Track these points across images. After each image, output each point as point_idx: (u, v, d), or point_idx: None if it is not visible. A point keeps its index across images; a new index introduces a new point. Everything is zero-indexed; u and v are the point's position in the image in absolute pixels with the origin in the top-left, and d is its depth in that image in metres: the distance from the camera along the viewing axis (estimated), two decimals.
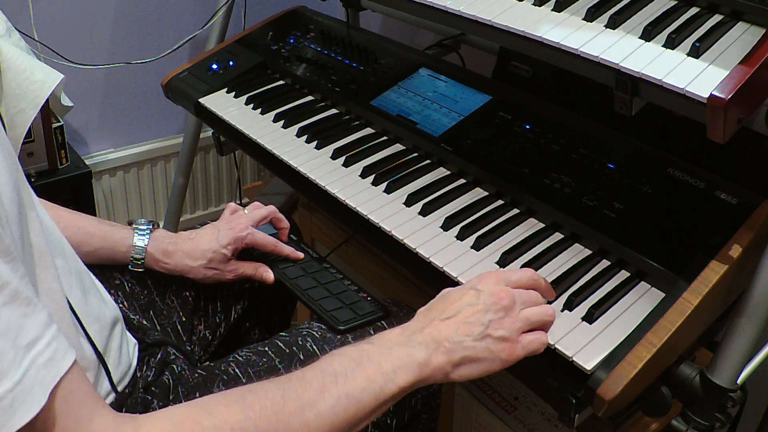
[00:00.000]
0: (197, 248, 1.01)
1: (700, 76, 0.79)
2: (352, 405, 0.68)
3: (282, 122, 1.32)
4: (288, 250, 1.07)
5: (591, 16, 0.90)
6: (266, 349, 0.93)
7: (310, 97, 1.41)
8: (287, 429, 0.64)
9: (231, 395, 0.66)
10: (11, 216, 0.58)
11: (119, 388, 0.80)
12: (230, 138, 1.38)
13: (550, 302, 0.86)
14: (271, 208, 1.09)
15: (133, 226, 1.02)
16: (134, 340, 0.89)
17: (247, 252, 1.06)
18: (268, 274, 1.05)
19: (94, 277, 0.84)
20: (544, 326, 0.79)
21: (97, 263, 1.00)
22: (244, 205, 1.11)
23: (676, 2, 0.92)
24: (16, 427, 0.52)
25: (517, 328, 0.76)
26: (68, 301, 0.68)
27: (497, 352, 0.75)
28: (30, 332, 0.54)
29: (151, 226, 1.03)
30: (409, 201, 1.07)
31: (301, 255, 1.08)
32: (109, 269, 1.02)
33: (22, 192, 0.63)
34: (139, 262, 1.01)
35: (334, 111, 1.36)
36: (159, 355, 0.89)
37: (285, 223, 1.11)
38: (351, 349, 0.73)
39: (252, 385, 0.68)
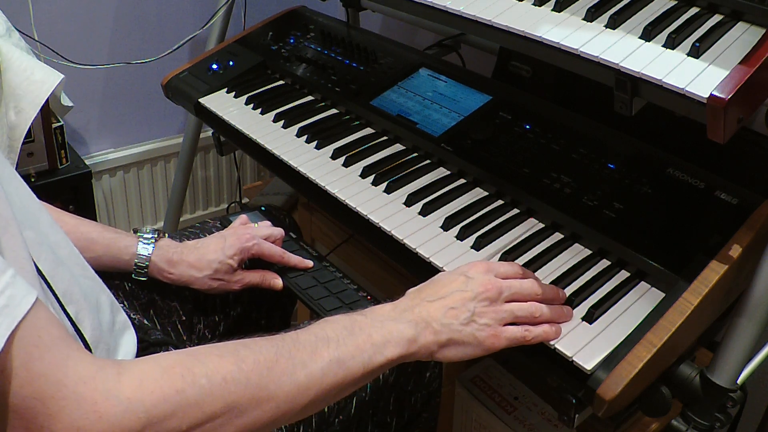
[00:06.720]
0: (203, 258, 1.00)
1: (700, 76, 0.79)
2: (342, 370, 0.70)
3: (282, 122, 1.32)
4: (296, 260, 1.06)
5: (591, 16, 0.90)
6: None
7: (310, 97, 1.41)
8: (277, 385, 0.65)
9: (224, 348, 0.67)
10: None
11: None
12: (230, 138, 1.38)
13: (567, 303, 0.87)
14: (281, 233, 1.08)
15: (138, 234, 1.01)
16: (134, 334, 0.88)
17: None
18: (276, 282, 1.04)
19: (76, 250, 0.82)
20: (533, 321, 0.81)
21: (100, 270, 1.00)
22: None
23: (676, 2, 0.92)
24: None
25: (500, 319, 0.79)
26: (39, 271, 0.67)
27: (481, 339, 0.78)
28: None
29: (156, 235, 1.02)
30: (409, 201, 1.07)
31: (310, 263, 1.06)
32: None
33: None
34: (143, 271, 1.00)
35: (334, 111, 1.36)
36: None
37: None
38: (344, 318, 0.75)
39: (246, 340, 0.69)
